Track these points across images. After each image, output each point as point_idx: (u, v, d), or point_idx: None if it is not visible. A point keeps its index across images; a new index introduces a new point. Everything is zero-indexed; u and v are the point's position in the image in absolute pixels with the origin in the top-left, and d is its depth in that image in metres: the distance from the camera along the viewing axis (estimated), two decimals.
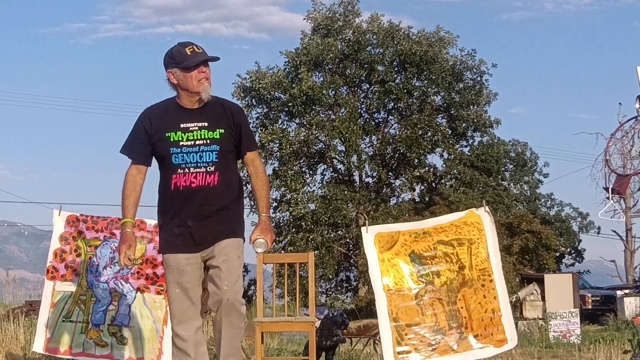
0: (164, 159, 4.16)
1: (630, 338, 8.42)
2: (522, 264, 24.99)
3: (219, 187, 4.15)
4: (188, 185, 4.11)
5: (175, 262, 4.17)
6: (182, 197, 4.12)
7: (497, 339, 5.89)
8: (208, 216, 4.14)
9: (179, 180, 4.12)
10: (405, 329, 5.87)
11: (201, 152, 4.12)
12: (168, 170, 4.15)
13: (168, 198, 4.18)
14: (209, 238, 4.15)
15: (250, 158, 4.31)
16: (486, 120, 29.33)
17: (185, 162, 4.12)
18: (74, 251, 5.99)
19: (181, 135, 4.13)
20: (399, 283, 5.97)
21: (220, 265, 4.11)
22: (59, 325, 5.90)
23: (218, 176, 4.14)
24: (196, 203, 4.11)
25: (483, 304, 5.94)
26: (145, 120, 4.22)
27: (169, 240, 4.19)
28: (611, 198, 18.96)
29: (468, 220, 6.12)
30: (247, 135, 4.30)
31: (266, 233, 4.20)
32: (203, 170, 4.12)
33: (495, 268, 6.00)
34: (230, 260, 4.13)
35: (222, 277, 4.10)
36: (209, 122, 4.15)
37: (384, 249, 6.02)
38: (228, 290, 4.09)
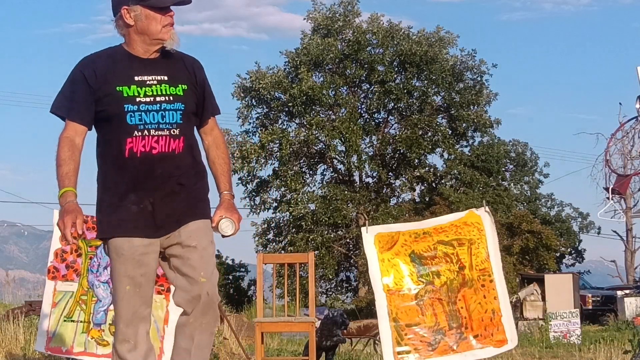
0: (114, 118, 3.30)
1: (630, 338, 8.41)
2: (523, 264, 25.00)
3: (185, 155, 3.39)
4: (148, 152, 3.29)
5: (131, 249, 3.32)
6: (139, 166, 3.30)
7: (497, 339, 5.89)
8: (172, 191, 3.36)
9: (136, 145, 3.29)
10: (405, 329, 5.87)
11: (163, 111, 3.33)
12: (119, 133, 3.29)
13: (119, 168, 3.32)
14: (173, 219, 3.37)
15: (211, 126, 3.55)
16: (486, 120, 29.35)
17: (143, 123, 3.29)
18: (75, 251, 6.00)
19: (136, 89, 3.31)
20: (399, 283, 5.97)
21: (192, 253, 3.37)
22: (60, 325, 5.91)
23: (183, 141, 3.37)
24: (158, 174, 3.32)
25: (483, 304, 5.94)
26: (87, 71, 3.34)
27: (122, 220, 3.32)
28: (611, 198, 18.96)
29: (468, 221, 6.12)
30: (210, 97, 3.56)
31: (232, 212, 3.45)
32: (166, 133, 3.32)
33: (495, 268, 6.01)
34: (203, 246, 3.40)
35: (196, 267, 3.36)
36: (169, 76, 3.38)
37: (384, 249, 6.03)
38: (206, 282, 3.36)
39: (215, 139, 3.55)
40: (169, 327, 5.73)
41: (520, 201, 32.13)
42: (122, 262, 3.34)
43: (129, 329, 3.36)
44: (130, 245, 3.33)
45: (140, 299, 3.37)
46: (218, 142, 3.55)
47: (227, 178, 3.51)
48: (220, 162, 3.52)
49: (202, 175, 3.49)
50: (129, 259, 3.33)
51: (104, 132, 3.38)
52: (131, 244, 3.33)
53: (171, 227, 3.37)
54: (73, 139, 3.32)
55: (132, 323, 3.36)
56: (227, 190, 3.49)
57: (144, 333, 3.40)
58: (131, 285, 3.34)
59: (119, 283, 3.37)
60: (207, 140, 3.55)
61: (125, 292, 3.35)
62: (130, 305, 3.36)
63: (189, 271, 3.36)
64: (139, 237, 3.33)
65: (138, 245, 3.33)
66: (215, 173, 3.52)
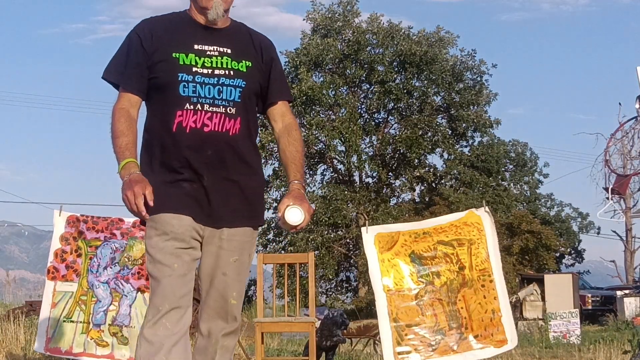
0: (166, 88, 2.95)
1: (630, 338, 8.42)
2: (522, 264, 24.98)
3: (240, 139, 2.97)
4: (199, 128, 2.90)
5: (181, 227, 2.87)
6: (187, 143, 2.90)
7: (497, 340, 5.90)
8: (226, 179, 2.95)
9: (186, 119, 2.91)
10: (405, 329, 5.87)
11: (220, 86, 2.95)
12: (169, 105, 2.94)
13: (165, 144, 2.94)
14: (225, 213, 2.94)
15: (281, 110, 3.15)
16: (486, 120, 29.35)
17: (197, 96, 2.92)
18: (75, 251, 6.00)
19: (195, 58, 2.95)
20: (399, 283, 5.97)
21: (230, 268, 2.99)
22: (59, 325, 5.91)
23: (240, 123, 2.96)
24: (208, 155, 2.91)
25: (483, 304, 5.94)
26: (143, 33, 3.00)
27: (171, 195, 2.89)
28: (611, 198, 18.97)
29: (468, 221, 6.13)
30: (280, 79, 3.17)
31: (302, 201, 2.97)
32: (221, 110, 2.94)
33: (495, 268, 6.01)
34: (242, 261, 3.02)
35: (229, 285, 2.98)
36: (233, 49, 3.01)
37: (384, 249, 6.03)
38: (235, 306, 3.01)
39: (286, 125, 3.15)
40: None
41: (520, 201, 32.11)
42: (170, 239, 2.86)
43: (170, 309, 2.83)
44: (179, 222, 2.87)
45: (189, 284, 2.89)
46: (290, 128, 3.14)
47: (297, 167, 3.10)
48: (291, 150, 3.11)
49: (258, 167, 3.08)
50: (178, 237, 2.86)
51: (153, 103, 3.01)
52: (180, 220, 2.87)
53: (221, 220, 2.95)
54: (128, 110, 2.96)
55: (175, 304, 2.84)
56: (297, 180, 3.08)
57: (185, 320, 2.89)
58: (179, 264, 2.87)
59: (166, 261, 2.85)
60: (277, 126, 3.16)
61: (174, 270, 2.85)
62: (176, 285, 2.85)
63: (220, 287, 2.98)
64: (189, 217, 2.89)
65: (187, 225, 2.88)
66: (285, 162, 3.13)
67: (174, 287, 2.84)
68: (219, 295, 3.00)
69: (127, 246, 6.01)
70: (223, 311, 3.01)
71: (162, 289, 2.84)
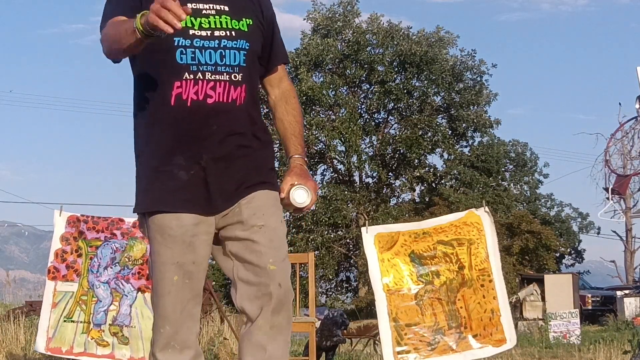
0: (159, 55, 2.52)
1: (630, 338, 8.44)
2: (522, 264, 25.02)
3: (247, 109, 2.61)
4: (201, 100, 2.51)
5: (180, 228, 2.53)
6: (188, 119, 2.52)
7: (496, 339, 5.91)
8: (230, 154, 2.57)
9: (186, 91, 2.51)
10: (404, 329, 5.89)
11: (222, 49, 2.55)
12: (164, 75, 2.53)
13: (162, 121, 2.54)
14: (231, 190, 2.57)
15: (279, 75, 2.80)
16: (486, 120, 29.38)
17: (197, 63, 2.52)
18: (75, 251, 6.01)
19: (190, 19, 2.51)
20: (398, 283, 5.98)
21: (258, 235, 2.56)
22: (60, 325, 5.92)
23: (245, 91, 2.59)
24: (213, 131, 2.54)
25: (482, 304, 5.95)
26: None
27: (168, 191, 2.54)
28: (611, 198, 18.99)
29: (468, 221, 6.14)
30: (279, 39, 2.79)
31: (306, 179, 2.68)
32: (225, 78, 2.54)
33: (494, 268, 6.02)
34: (272, 225, 2.60)
35: (263, 253, 2.56)
36: (230, 6, 2.61)
37: (384, 249, 6.04)
38: (277, 271, 2.56)
39: (284, 92, 2.80)
40: None
41: (520, 201, 32.15)
42: (170, 244, 2.54)
43: (176, 330, 2.57)
44: (179, 223, 2.52)
45: (190, 292, 2.57)
46: (287, 95, 2.80)
47: (298, 140, 2.77)
48: (290, 120, 2.78)
49: (267, 140, 2.72)
50: (178, 242, 2.54)
51: (144, 74, 2.58)
52: (180, 222, 2.53)
53: (229, 200, 2.57)
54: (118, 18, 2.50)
55: (179, 323, 2.56)
56: (298, 154, 2.74)
57: (192, 336, 2.61)
58: (180, 275, 2.55)
59: (164, 272, 2.55)
60: (273, 93, 2.80)
61: (173, 284, 2.54)
62: (178, 301, 2.55)
63: (254, 258, 2.56)
64: (190, 213, 2.54)
65: (189, 225, 2.53)
66: (283, 133, 2.78)
67: (174, 304, 2.56)
68: (255, 272, 2.56)
69: (128, 246, 6.02)
70: (263, 284, 2.54)
71: (161, 309, 2.58)
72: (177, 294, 2.56)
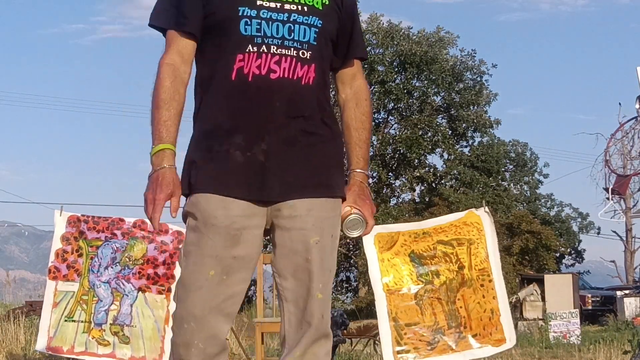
0: (223, 26, 2.33)
1: (630, 338, 8.46)
2: (522, 264, 25.01)
3: (315, 91, 2.35)
4: (264, 75, 2.29)
5: (227, 218, 2.25)
6: (249, 94, 2.29)
7: (495, 339, 5.92)
8: (295, 139, 2.31)
9: (248, 65, 2.29)
10: (404, 329, 5.90)
11: (292, 24, 2.33)
12: (226, 47, 2.32)
13: (221, 96, 2.32)
14: (291, 182, 2.30)
15: (352, 72, 2.52)
16: (486, 120, 29.39)
17: (262, 35, 2.31)
18: (76, 251, 6.02)
19: None
20: (398, 283, 5.99)
21: (312, 252, 2.32)
22: (61, 325, 5.93)
23: (315, 71, 2.34)
24: (275, 109, 2.29)
25: (482, 303, 5.96)
26: None
27: (219, 172, 2.27)
28: (611, 198, 19.00)
29: (468, 221, 6.14)
30: (359, 30, 2.53)
31: (363, 202, 2.42)
32: (293, 53, 2.32)
33: (494, 268, 6.03)
34: (324, 244, 2.35)
35: (314, 276, 2.32)
36: None
37: (384, 249, 6.05)
38: (323, 301, 2.34)
39: (356, 91, 2.51)
40: (170, 326, 5.76)
41: (520, 201, 32.14)
42: (212, 235, 2.26)
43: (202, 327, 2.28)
44: (226, 213, 2.25)
45: (227, 289, 2.29)
46: (359, 96, 2.50)
47: (362, 151, 2.47)
48: (357, 126, 2.47)
49: (337, 131, 2.44)
50: (222, 233, 2.26)
51: (206, 48, 2.38)
52: (228, 211, 2.25)
53: (287, 193, 2.30)
54: (178, 68, 2.33)
55: (207, 321, 2.28)
56: (360, 169, 2.46)
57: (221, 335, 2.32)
58: (217, 271, 2.27)
59: (200, 265, 2.27)
60: (344, 91, 2.51)
61: (207, 279, 2.26)
62: (210, 298, 2.27)
63: (305, 278, 2.33)
64: (241, 201, 2.26)
65: (237, 216, 2.26)
66: (348, 140, 2.47)
67: (205, 301, 2.27)
68: (305, 291, 2.32)
69: (128, 246, 6.03)
70: (307, 311, 2.33)
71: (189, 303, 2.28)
72: (210, 291, 2.27)
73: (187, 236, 2.34)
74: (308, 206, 2.32)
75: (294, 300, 2.34)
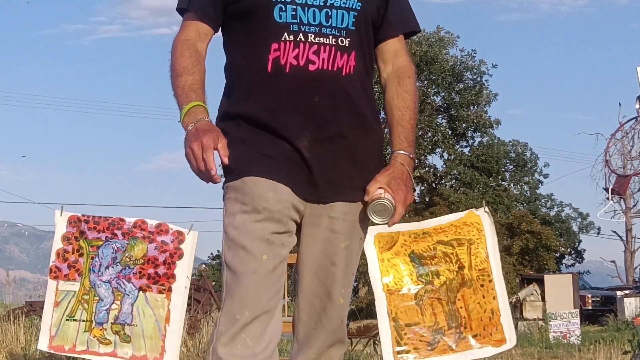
0: (255, 13, 2.15)
1: (630, 339, 8.45)
2: (522, 264, 25.04)
3: (356, 80, 2.20)
4: (302, 66, 2.12)
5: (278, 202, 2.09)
6: (287, 87, 2.12)
7: (495, 339, 5.93)
8: (339, 135, 2.16)
9: (285, 55, 2.12)
10: (404, 329, 5.90)
11: (329, 9, 2.15)
12: (260, 35, 2.15)
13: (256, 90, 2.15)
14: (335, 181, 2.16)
15: (395, 49, 2.31)
16: (486, 120, 29.40)
17: (299, 23, 2.13)
18: (77, 251, 6.04)
19: None
20: (398, 283, 6.00)
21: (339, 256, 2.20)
22: (62, 324, 5.95)
23: (355, 59, 2.18)
24: (316, 104, 2.13)
25: (482, 304, 5.97)
26: None
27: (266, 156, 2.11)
28: (611, 198, 19.01)
29: (468, 221, 6.15)
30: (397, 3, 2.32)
31: (398, 187, 2.17)
32: (331, 42, 2.15)
33: (494, 268, 6.03)
34: (352, 249, 2.23)
35: (338, 280, 2.21)
36: None
37: (384, 249, 6.05)
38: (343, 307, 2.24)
39: (398, 70, 2.30)
40: (171, 326, 5.77)
41: (520, 201, 32.17)
42: (261, 218, 2.07)
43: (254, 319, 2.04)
44: (277, 197, 2.08)
45: (278, 280, 2.11)
46: (402, 74, 2.30)
47: (406, 131, 2.26)
48: (399, 105, 2.28)
49: (376, 121, 2.30)
50: (274, 216, 2.08)
51: (236, 36, 2.22)
52: (279, 195, 2.09)
53: (333, 192, 2.16)
54: (195, 43, 2.21)
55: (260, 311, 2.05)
56: (402, 150, 2.24)
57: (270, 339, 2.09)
58: (270, 257, 2.08)
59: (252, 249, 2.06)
60: (385, 69, 2.32)
61: (262, 264, 2.06)
62: (265, 285, 2.06)
63: (328, 281, 2.20)
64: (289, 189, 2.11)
65: (287, 201, 2.10)
66: (390, 120, 2.29)
67: (259, 288, 2.05)
68: (324, 293, 2.21)
69: (128, 246, 6.04)
70: (327, 315, 2.21)
71: (243, 291, 2.04)
72: (266, 278, 2.06)
73: (231, 223, 2.11)
74: (345, 209, 2.20)
75: (309, 299, 2.22)
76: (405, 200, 2.18)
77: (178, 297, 5.69)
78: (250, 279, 2.05)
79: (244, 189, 2.10)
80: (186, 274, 5.82)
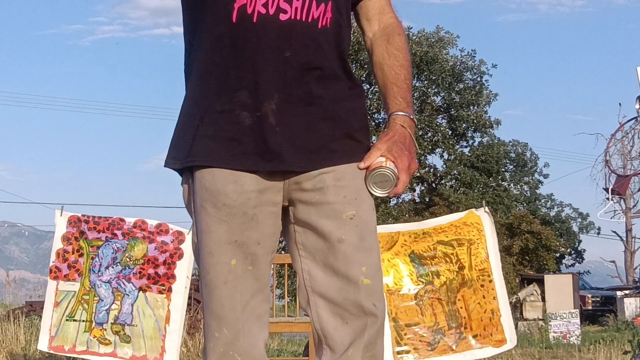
0: None
1: (630, 339, 8.46)
2: (522, 264, 25.04)
3: (333, 35, 1.91)
4: (271, 15, 1.83)
5: (240, 195, 1.82)
6: (254, 40, 1.82)
7: (496, 339, 5.93)
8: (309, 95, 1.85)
9: (252, 3, 1.82)
10: (404, 329, 5.91)
11: None
12: None
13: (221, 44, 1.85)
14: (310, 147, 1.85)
15: (379, 5, 2.03)
16: (486, 120, 29.42)
17: None
18: (77, 251, 6.04)
19: None
20: (398, 283, 6.00)
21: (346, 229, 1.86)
22: (62, 324, 5.95)
23: (332, 10, 1.89)
24: (287, 59, 1.83)
25: (482, 304, 5.97)
26: None
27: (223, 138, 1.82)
28: (611, 198, 19.01)
29: (468, 221, 6.15)
30: None
31: (401, 152, 1.89)
32: None
33: (494, 268, 6.04)
34: (362, 215, 1.88)
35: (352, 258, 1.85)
36: None
37: (384, 249, 6.06)
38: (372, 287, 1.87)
39: (386, 27, 2.02)
40: (171, 326, 5.78)
41: (520, 201, 32.18)
42: (225, 217, 1.82)
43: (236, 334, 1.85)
44: (237, 188, 1.82)
45: (255, 282, 1.86)
46: (390, 32, 2.01)
47: (402, 91, 1.97)
48: (392, 64, 1.98)
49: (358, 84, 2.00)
50: (237, 214, 1.82)
51: None
52: (240, 186, 1.82)
53: (307, 160, 1.85)
54: None
55: (241, 325, 1.85)
56: (401, 110, 1.95)
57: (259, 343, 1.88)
58: (240, 259, 1.84)
59: (218, 255, 1.84)
60: (371, 29, 2.04)
61: (231, 271, 1.83)
62: (238, 293, 1.84)
63: (340, 265, 1.85)
64: (253, 175, 1.83)
65: (251, 191, 1.82)
66: (382, 82, 2.00)
67: (233, 300, 1.84)
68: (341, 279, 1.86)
69: (129, 246, 6.04)
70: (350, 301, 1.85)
71: (217, 306, 1.85)
72: (237, 284, 1.84)
73: (196, 226, 1.90)
74: (336, 175, 1.86)
75: (327, 296, 1.87)
76: (409, 167, 1.89)
77: (178, 297, 5.69)
78: (221, 291, 1.84)
79: (201, 184, 1.85)
80: (186, 274, 5.82)
